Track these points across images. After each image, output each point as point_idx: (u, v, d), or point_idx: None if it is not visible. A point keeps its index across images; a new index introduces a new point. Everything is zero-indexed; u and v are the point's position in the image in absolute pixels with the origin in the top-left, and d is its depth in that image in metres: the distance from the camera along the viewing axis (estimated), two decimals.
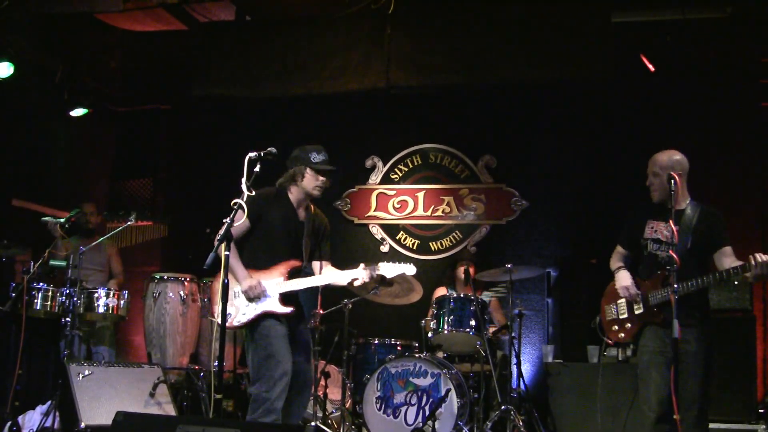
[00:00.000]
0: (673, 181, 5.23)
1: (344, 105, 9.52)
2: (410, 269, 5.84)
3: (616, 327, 5.64)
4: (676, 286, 4.94)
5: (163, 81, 10.06)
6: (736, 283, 7.61)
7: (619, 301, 5.63)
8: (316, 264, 5.99)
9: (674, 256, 4.98)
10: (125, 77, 10.08)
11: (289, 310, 5.65)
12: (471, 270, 8.20)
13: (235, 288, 5.59)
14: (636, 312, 5.51)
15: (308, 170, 5.80)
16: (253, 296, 5.59)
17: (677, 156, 5.43)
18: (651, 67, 8.58)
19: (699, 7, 8.05)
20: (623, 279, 5.56)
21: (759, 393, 8.00)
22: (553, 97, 9.42)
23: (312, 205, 5.97)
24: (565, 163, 9.48)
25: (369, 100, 9.32)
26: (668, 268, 5.06)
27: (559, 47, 8.08)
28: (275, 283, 5.67)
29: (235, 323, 5.63)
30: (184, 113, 10.30)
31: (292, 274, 5.74)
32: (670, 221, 5.13)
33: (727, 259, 5.30)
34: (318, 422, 7.12)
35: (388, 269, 5.78)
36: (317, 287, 7.65)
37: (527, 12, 8.20)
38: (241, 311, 5.63)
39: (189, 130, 10.50)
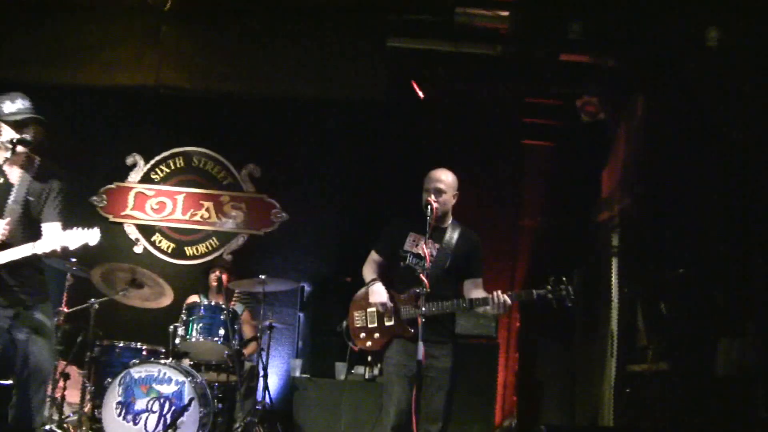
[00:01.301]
0: (429, 207, 5.38)
1: (111, 99, 9.41)
2: (93, 237, 5.22)
3: (364, 335, 5.63)
4: (423, 309, 5.03)
5: None
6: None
7: (369, 310, 5.62)
8: (45, 228, 5.42)
9: (425, 279, 5.12)
10: None
11: None
12: (224, 277, 8.30)
13: None
14: (386, 324, 5.53)
15: (2, 125, 5.29)
16: None
17: (454, 176, 5.62)
18: (421, 94, 9.05)
19: (472, 41, 8.47)
20: (378, 293, 5.54)
21: (497, 417, 8.61)
22: (322, 113, 9.69)
23: (42, 163, 5.48)
24: (328, 180, 9.78)
25: (137, 96, 9.23)
26: (418, 291, 5.14)
27: (333, 65, 8.35)
28: None
29: None
30: None
31: None
32: (429, 241, 5.32)
33: (476, 291, 5.55)
34: (53, 426, 6.99)
35: (71, 238, 5.18)
36: (63, 283, 7.59)
37: (306, 27, 8.43)
38: None
39: None
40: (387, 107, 8.97)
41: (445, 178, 5.59)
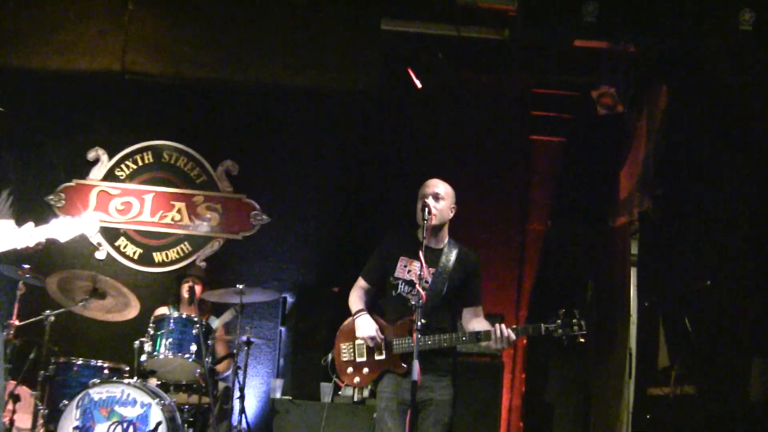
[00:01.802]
0: (426, 210, 5.31)
1: (70, 86, 9.25)
2: (90, 226, 5.13)
3: (351, 370, 5.62)
4: (419, 323, 4.97)
5: None
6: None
7: (357, 342, 5.60)
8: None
9: (421, 291, 5.06)
10: None
11: None
12: (197, 288, 8.20)
13: None
14: (377, 358, 5.52)
15: None
16: None
17: (451, 188, 5.59)
18: (418, 84, 8.91)
19: (475, 25, 8.37)
20: (366, 327, 5.51)
21: None
22: (310, 104, 9.59)
23: None
24: (315, 179, 9.66)
25: (100, 83, 9.09)
26: (413, 303, 5.12)
27: (321, 50, 8.25)
28: None
29: None
30: None
31: None
32: (421, 256, 5.21)
33: (476, 320, 5.51)
34: None
35: (62, 229, 5.08)
36: (14, 293, 7.40)
37: (293, 10, 8.30)
38: None
39: None
40: (380, 98, 8.91)
41: (443, 185, 5.57)
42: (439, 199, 5.46)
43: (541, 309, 8.84)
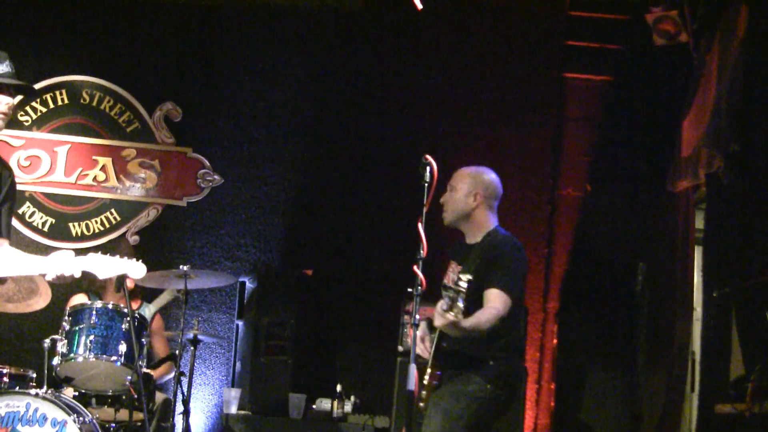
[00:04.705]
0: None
1: None
2: (137, 269, 5.31)
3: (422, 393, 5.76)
4: (417, 317, 5.12)
5: None
6: None
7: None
8: None
9: (419, 273, 5.16)
10: None
11: None
12: None
13: None
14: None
15: None
16: None
17: (487, 176, 5.81)
18: (418, 4, 8.82)
19: None
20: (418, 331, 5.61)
21: None
22: (278, 28, 9.71)
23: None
24: (283, 127, 9.69)
25: None
26: (414, 293, 5.20)
27: None
28: None
29: None
30: None
31: None
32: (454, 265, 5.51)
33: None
34: None
35: (103, 265, 5.23)
36: None
37: None
38: None
39: None
40: (369, 21, 9.07)
41: (458, 172, 5.88)
42: (451, 189, 5.74)
43: (575, 301, 8.79)
